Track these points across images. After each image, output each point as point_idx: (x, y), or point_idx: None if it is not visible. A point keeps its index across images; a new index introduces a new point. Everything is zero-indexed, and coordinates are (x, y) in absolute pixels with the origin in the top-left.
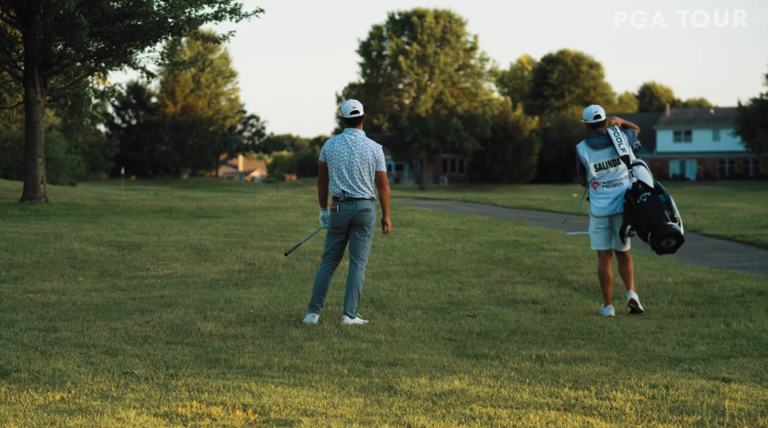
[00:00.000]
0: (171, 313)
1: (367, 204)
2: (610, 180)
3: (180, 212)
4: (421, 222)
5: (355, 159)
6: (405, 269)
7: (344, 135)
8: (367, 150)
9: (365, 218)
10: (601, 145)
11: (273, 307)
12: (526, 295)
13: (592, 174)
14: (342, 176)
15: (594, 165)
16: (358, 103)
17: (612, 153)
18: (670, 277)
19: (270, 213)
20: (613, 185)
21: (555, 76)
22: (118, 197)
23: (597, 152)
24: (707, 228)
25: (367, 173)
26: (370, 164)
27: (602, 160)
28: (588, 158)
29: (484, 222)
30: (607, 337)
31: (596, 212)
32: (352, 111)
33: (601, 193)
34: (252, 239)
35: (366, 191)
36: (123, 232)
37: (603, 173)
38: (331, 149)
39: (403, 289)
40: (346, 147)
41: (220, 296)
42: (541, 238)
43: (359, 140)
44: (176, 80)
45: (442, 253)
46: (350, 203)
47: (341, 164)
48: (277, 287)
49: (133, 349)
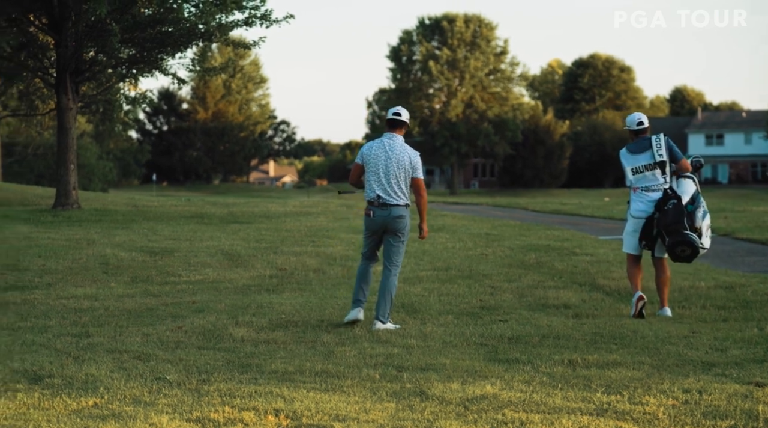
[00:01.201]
0: (203, 318)
1: (401, 211)
2: (648, 185)
3: (211, 217)
4: (452, 227)
5: (392, 164)
6: (436, 274)
7: (383, 139)
8: (404, 156)
9: (399, 224)
10: (641, 149)
11: (304, 312)
12: (558, 300)
13: (629, 177)
14: (379, 180)
15: (631, 169)
16: (404, 110)
17: (649, 157)
18: (702, 281)
19: (301, 218)
20: (652, 190)
21: (585, 80)
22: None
23: (634, 156)
24: (739, 232)
25: (403, 179)
26: (406, 170)
27: (639, 164)
28: (626, 162)
29: (515, 227)
30: (640, 342)
31: (635, 212)
32: (394, 112)
33: (641, 196)
34: (283, 244)
35: (401, 197)
36: (155, 238)
37: (639, 176)
38: (369, 152)
39: (434, 294)
40: (384, 151)
41: (251, 302)
42: (572, 242)
43: (397, 145)
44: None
45: (473, 258)
46: (384, 208)
47: (378, 168)
48: (309, 292)
49: (165, 354)
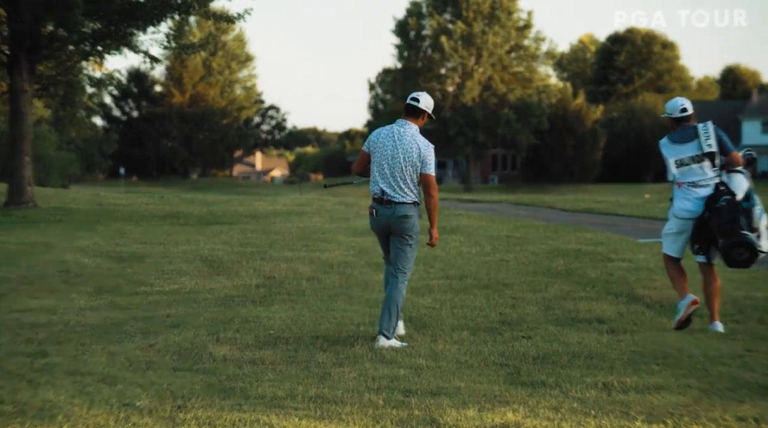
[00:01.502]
0: (179, 335)
1: (407, 209)
2: (695, 180)
3: (189, 218)
4: (467, 228)
5: (399, 155)
6: (449, 283)
7: (394, 126)
8: (413, 147)
9: (404, 225)
10: (685, 139)
11: (296, 327)
12: (591, 313)
13: (673, 171)
14: (383, 172)
15: (674, 161)
16: (426, 97)
17: (696, 148)
18: (759, 291)
19: (292, 219)
20: (699, 186)
21: (622, 59)
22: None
23: (678, 146)
24: None
25: (410, 174)
26: (414, 163)
27: (684, 155)
28: (668, 153)
29: (540, 228)
30: (686, 361)
31: (680, 212)
32: (412, 97)
33: (687, 193)
34: (272, 249)
35: (407, 194)
36: (123, 241)
37: (685, 170)
38: (376, 139)
39: (446, 306)
40: (391, 140)
41: (235, 316)
42: (607, 246)
43: (408, 134)
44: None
45: (491, 264)
46: (388, 206)
47: (383, 159)
48: (302, 304)
49: (134, 377)
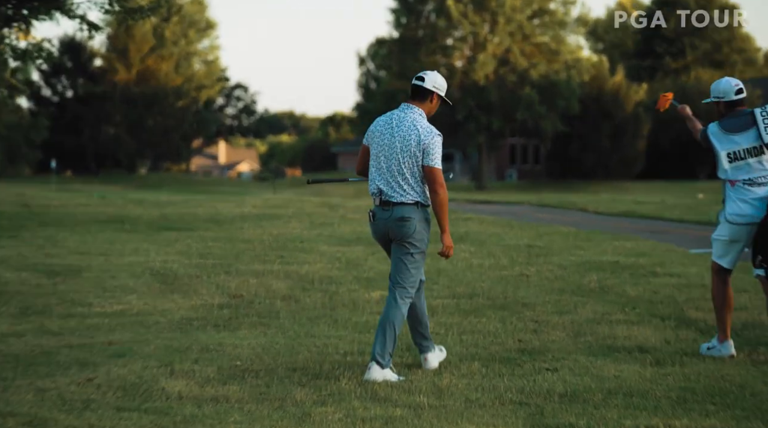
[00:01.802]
0: (123, 367)
1: (406, 211)
2: (753, 177)
3: (136, 222)
4: (478, 236)
5: (396, 145)
6: (456, 303)
7: (395, 111)
8: (411, 134)
9: (403, 229)
10: (740, 127)
11: (269, 357)
12: (630, 340)
13: (725, 166)
14: (380, 167)
15: (726, 154)
16: (434, 75)
17: (754, 138)
18: None
19: (264, 224)
20: (759, 184)
21: (672, 26)
22: (48, 201)
23: (732, 136)
24: None
25: (410, 167)
26: (413, 153)
27: (739, 147)
28: (719, 144)
29: (569, 236)
30: (749, 401)
31: (734, 217)
32: (417, 76)
33: (742, 192)
34: (239, 261)
35: (408, 191)
36: (55, 251)
37: (740, 165)
38: (374, 129)
39: (453, 331)
40: (389, 128)
41: (193, 343)
42: (651, 258)
43: (407, 119)
44: (130, 35)
45: (509, 280)
46: (386, 208)
47: (381, 151)
48: (275, 329)
49: (69, 419)
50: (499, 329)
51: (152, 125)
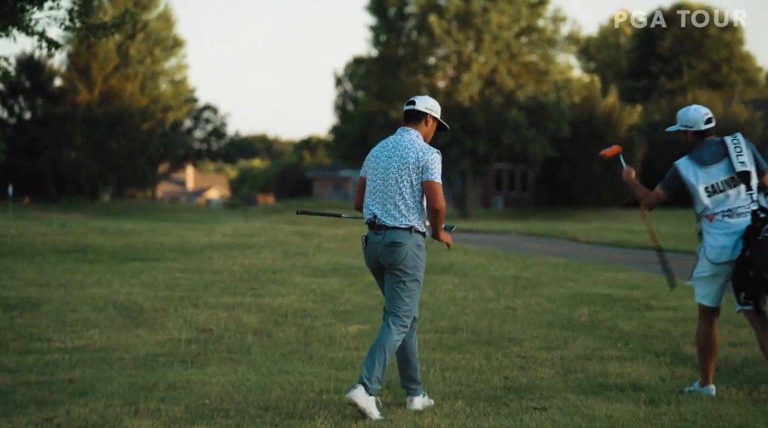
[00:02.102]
0: (85, 406)
1: (398, 235)
2: (732, 207)
3: (99, 252)
4: (463, 266)
5: (393, 165)
6: (439, 338)
7: (390, 137)
8: (409, 152)
9: (394, 254)
10: (713, 158)
11: (239, 396)
12: (623, 377)
13: (704, 202)
14: (375, 191)
15: (705, 188)
16: (425, 99)
17: (728, 169)
18: None
19: (234, 254)
20: (737, 216)
21: (668, 44)
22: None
23: (707, 169)
24: None
25: (407, 188)
26: (411, 171)
27: (717, 180)
28: (695, 178)
29: (558, 267)
30: None
31: (714, 255)
32: (408, 101)
33: (721, 226)
34: (208, 293)
35: (404, 214)
36: (11, 284)
37: (720, 198)
38: (370, 156)
39: (435, 368)
40: (385, 150)
41: (159, 380)
42: (645, 290)
43: (405, 140)
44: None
45: (494, 313)
46: (378, 232)
47: (377, 176)
48: (246, 365)
49: None
50: (484, 365)
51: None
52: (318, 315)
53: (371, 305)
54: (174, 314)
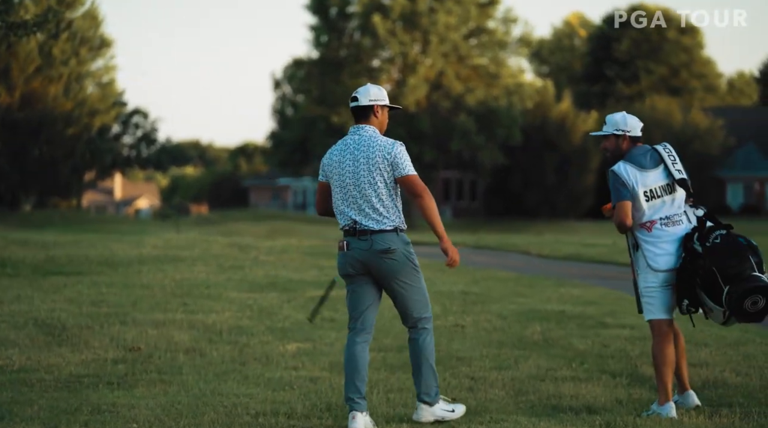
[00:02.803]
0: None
1: (387, 239)
2: (668, 216)
3: (18, 266)
4: None
5: (362, 168)
6: (383, 357)
7: (346, 138)
8: (374, 150)
9: (390, 265)
10: (650, 164)
11: (169, 419)
12: (578, 399)
13: (642, 207)
14: (348, 197)
15: (644, 192)
16: (368, 88)
17: (665, 175)
18: None
19: (166, 267)
20: (673, 224)
21: (624, 47)
22: None
23: (647, 173)
24: None
25: (382, 185)
26: (382, 170)
27: (654, 185)
28: (636, 183)
29: (509, 281)
30: None
31: (658, 263)
32: (351, 98)
33: (661, 235)
34: (136, 309)
35: (386, 216)
36: None
37: (656, 204)
38: (329, 160)
39: (379, 389)
40: (348, 153)
41: (83, 403)
42: (601, 307)
43: (365, 138)
44: (12, 53)
45: (442, 331)
46: (363, 238)
47: (345, 179)
48: (177, 386)
49: None
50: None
51: (38, 155)
52: (254, 333)
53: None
54: (100, 332)
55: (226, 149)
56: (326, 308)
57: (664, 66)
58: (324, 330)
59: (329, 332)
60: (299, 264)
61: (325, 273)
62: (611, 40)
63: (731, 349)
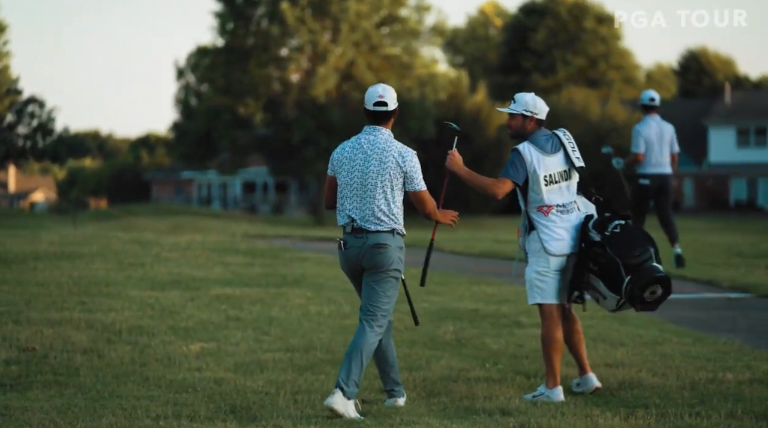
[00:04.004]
0: None
1: (382, 237)
2: (564, 203)
3: None
4: (316, 279)
5: (371, 168)
6: (290, 358)
7: (361, 136)
8: (388, 156)
9: (379, 257)
10: (552, 149)
11: (65, 422)
12: (491, 401)
13: (541, 191)
14: (353, 194)
15: (544, 177)
16: (390, 91)
17: (564, 161)
18: (730, 372)
19: (62, 264)
20: (568, 211)
21: (541, 38)
22: None
23: (549, 158)
24: None
25: (388, 190)
26: (392, 176)
27: (553, 170)
28: (538, 166)
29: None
30: None
31: (553, 248)
32: (377, 102)
33: (557, 220)
34: (30, 308)
35: (384, 219)
36: None
37: (554, 189)
38: (340, 156)
39: (286, 390)
40: (361, 151)
41: None
42: (516, 306)
43: (380, 141)
44: None
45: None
46: (359, 236)
47: (352, 177)
48: (74, 388)
49: None
50: None
51: None
52: (156, 333)
53: (216, 322)
54: None
55: (127, 140)
56: (231, 307)
57: (582, 57)
58: (229, 330)
59: (234, 332)
60: (204, 261)
61: (231, 271)
62: (527, 29)
63: (648, 348)
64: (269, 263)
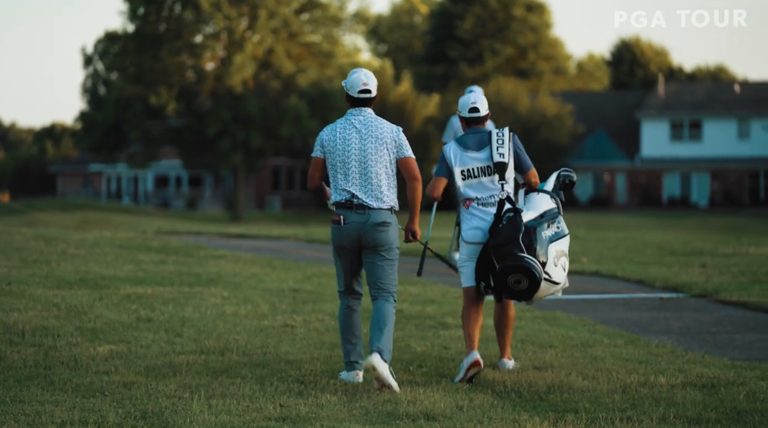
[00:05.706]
0: None
1: (384, 215)
2: (484, 196)
3: None
4: (233, 277)
5: (370, 146)
6: (205, 360)
7: (349, 118)
8: (383, 131)
9: (381, 236)
10: (477, 145)
11: None
12: (415, 405)
13: (458, 184)
14: (351, 173)
15: (460, 171)
16: (371, 76)
17: (487, 158)
18: (662, 375)
19: None
20: (489, 205)
21: (468, 26)
22: None
23: (469, 154)
24: (726, 291)
25: (389, 167)
26: (389, 150)
27: (473, 165)
28: (455, 160)
29: None
30: None
31: (467, 236)
32: (362, 89)
33: (476, 213)
34: None
35: (386, 196)
36: None
37: (473, 184)
38: (331, 137)
39: (200, 395)
40: (355, 131)
41: None
42: (441, 306)
43: (372, 119)
44: None
45: (269, 332)
46: (361, 212)
47: (350, 157)
48: None
49: None
50: (257, 391)
51: None
52: (61, 334)
53: (126, 322)
54: None
55: (31, 130)
56: (142, 307)
57: (511, 46)
58: (140, 331)
59: (145, 333)
60: (113, 259)
61: (142, 269)
62: (454, 17)
63: (578, 351)
64: (183, 261)
